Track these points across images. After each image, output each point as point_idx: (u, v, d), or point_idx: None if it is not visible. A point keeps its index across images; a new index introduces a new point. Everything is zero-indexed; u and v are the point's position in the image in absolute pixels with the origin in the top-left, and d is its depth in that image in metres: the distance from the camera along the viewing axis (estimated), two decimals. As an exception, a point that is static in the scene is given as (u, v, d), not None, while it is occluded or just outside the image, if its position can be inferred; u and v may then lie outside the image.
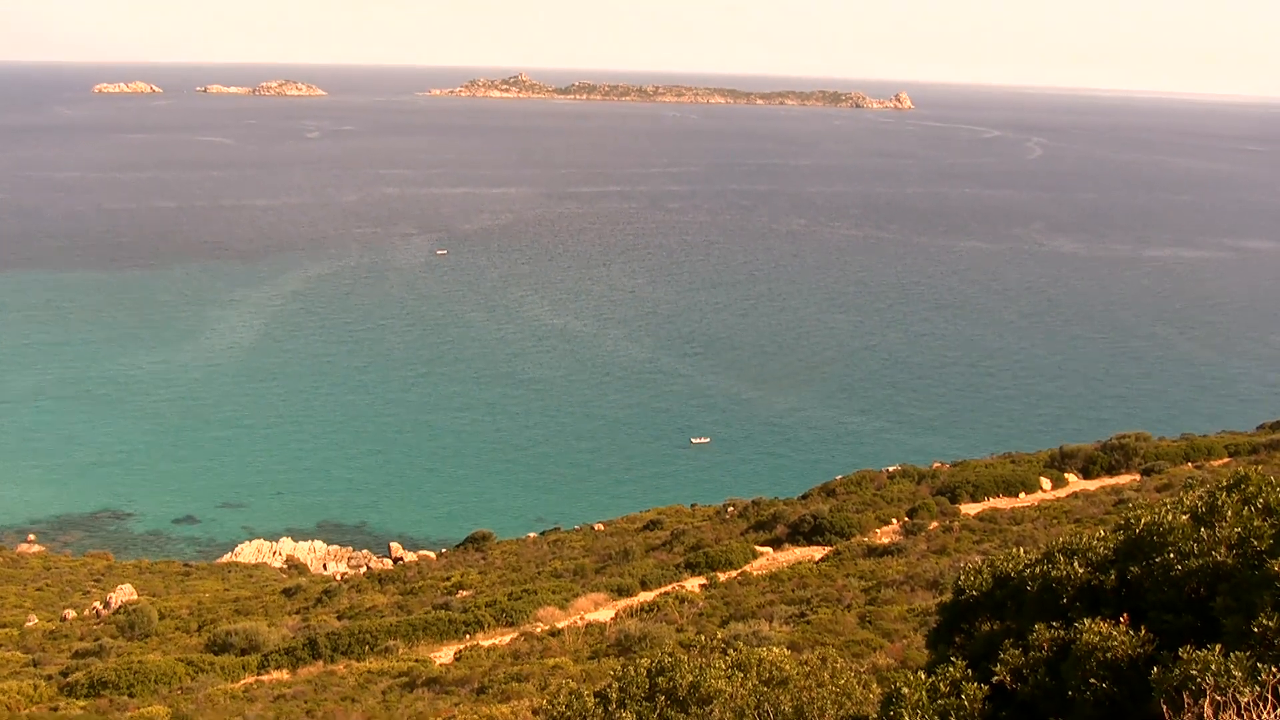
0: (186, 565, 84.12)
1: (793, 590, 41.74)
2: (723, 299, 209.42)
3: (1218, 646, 8.90)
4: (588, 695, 13.50)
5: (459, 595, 53.06)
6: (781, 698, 12.84)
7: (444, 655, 39.40)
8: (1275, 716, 8.35)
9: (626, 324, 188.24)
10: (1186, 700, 8.64)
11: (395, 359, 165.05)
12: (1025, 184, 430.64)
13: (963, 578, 12.13)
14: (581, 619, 41.66)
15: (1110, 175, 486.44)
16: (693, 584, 46.05)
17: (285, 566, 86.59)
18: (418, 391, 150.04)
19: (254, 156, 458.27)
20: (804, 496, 64.01)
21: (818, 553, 49.28)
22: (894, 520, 52.43)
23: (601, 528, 71.31)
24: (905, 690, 10.56)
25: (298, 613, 56.79)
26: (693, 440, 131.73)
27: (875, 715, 12.19)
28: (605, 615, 41.67)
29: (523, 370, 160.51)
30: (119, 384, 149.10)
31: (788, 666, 13.32)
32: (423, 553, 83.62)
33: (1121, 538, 11.11)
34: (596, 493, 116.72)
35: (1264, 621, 8.99)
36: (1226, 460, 55.21)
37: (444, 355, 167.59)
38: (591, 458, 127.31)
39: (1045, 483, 56.58)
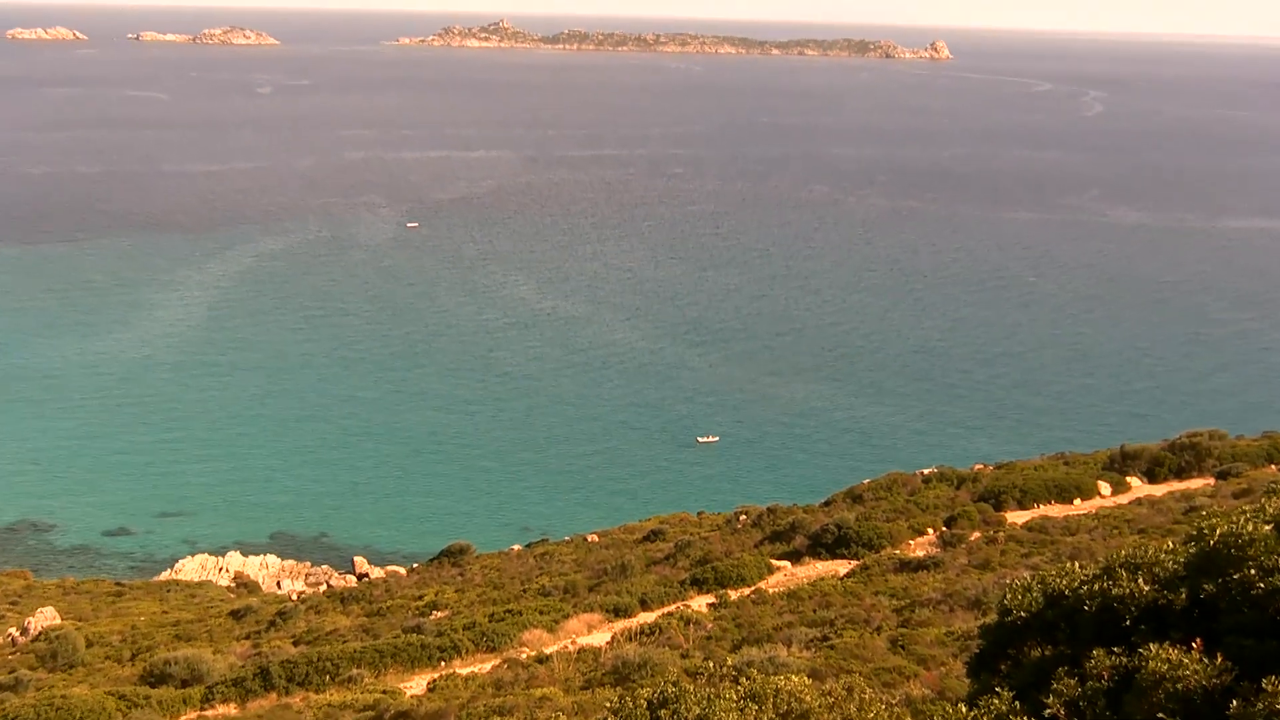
0: (119, 584, 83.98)
1: (814, 610, 41.32)
2: (733, 279, 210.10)
3: (1307, 676, 8.80)
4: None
5: (433, 616, 53.04)
6: (801, 734, 12.75)
7: (416, 685, 39.38)
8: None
9: (624, 308, 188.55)
10: (1270, 738, 8.53)
11: (360, 348, 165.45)
12: (1081, 145, 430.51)
13: (1009, 596, 12.17)
14: (573, 643, 41.68)
15: (1181, 134, 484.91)
16: (700, 603, 46.08)
17: (233, 585, 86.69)
18: (386, 385, 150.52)
19: (196, 115, 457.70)
20: (826, 503, 64.05)
21: (842, 567, 49.29)
22: (929, 530, 52.43)
23: (595, 539, 71.48)
24: (943, 725, 10.50)
25: (248, 637, 56.81)
26: (699, 439, 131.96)
27: (909, 754, 12.12)
28: (600, 639, 41.70)
29: (506, 361, 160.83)
30: (40, 377, 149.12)
31: (808, 698, 13.25)
32: (391, 568, 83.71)
33: (1193, 551, 11.09)
34: (590, 500, 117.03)
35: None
36: (1314, 462, 55.11)
37: (416, 344, 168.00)
38: (584, 460, 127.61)
39: (1104, 487, 56.55)
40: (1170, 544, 11.74)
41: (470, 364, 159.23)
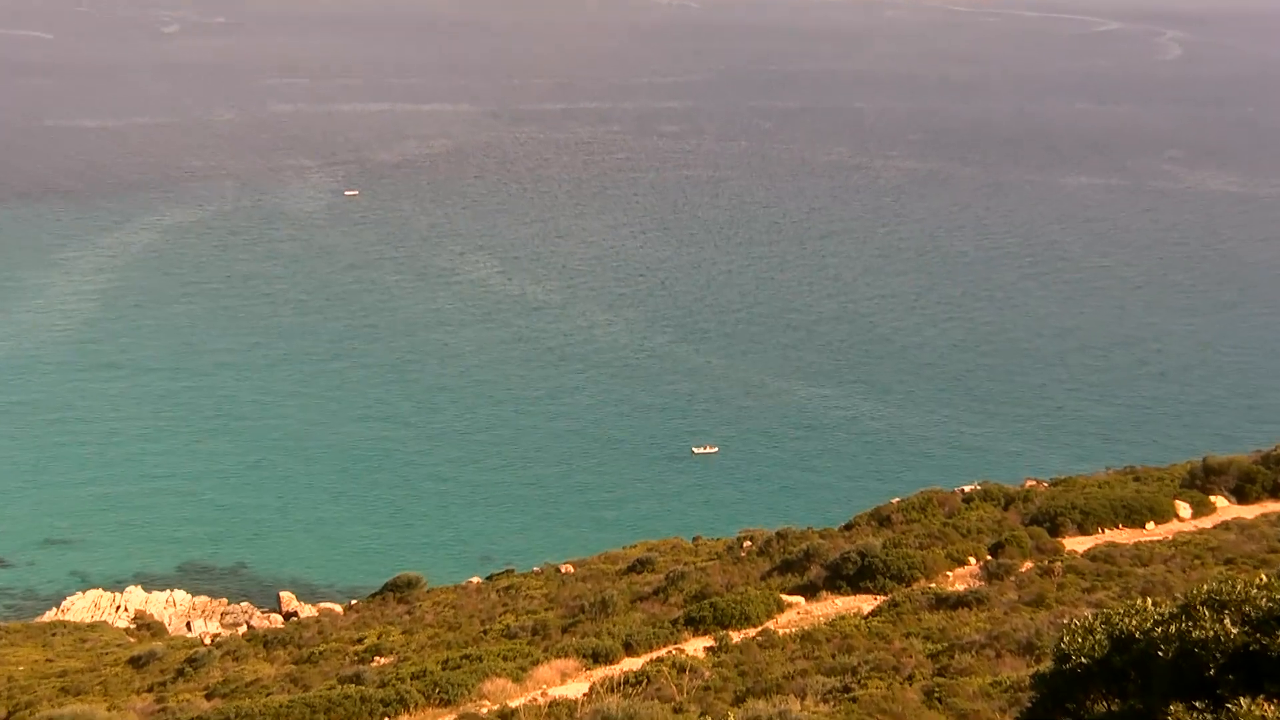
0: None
1: (833, 655, 41.03)
2: (736, 260, 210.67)
3: None
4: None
5: (375, 663, 52.80)
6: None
7: (353, 748, 39.29)
8: None
9: (605, 294, 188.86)
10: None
11: (287, 344, 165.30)
12: (1156, 96, 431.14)
13: (1068, 639, 12.23)
14: (543, 694, 41.63)
15: (1277, 83, 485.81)
16: (696, 646, 45.88)
17: (134, 626, 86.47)
18: (319, 388, 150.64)
19: (86, 59, 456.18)
20: (847, 527, 63.93)
21: (867, 603, 49.19)
22: (971, 559, 52.41)
23: (571, 570, 71.39)
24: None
25: (150, 690, 56.57)
26: (695, 450, 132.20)
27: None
28: (576, 690, 41.62)
29: (464, 359, 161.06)
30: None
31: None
32: (325, 605, 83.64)
33: (1292, 584, 11.17)
34: (564, 523, 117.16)
35: None
36: None
37: (355, 339, 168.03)
38: (557, 476, 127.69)
39: (1183, 508, 56.50)
40: (1264, 577, 11.69)
41: (421, 363, 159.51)
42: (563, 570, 71.76)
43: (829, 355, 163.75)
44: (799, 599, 50.13)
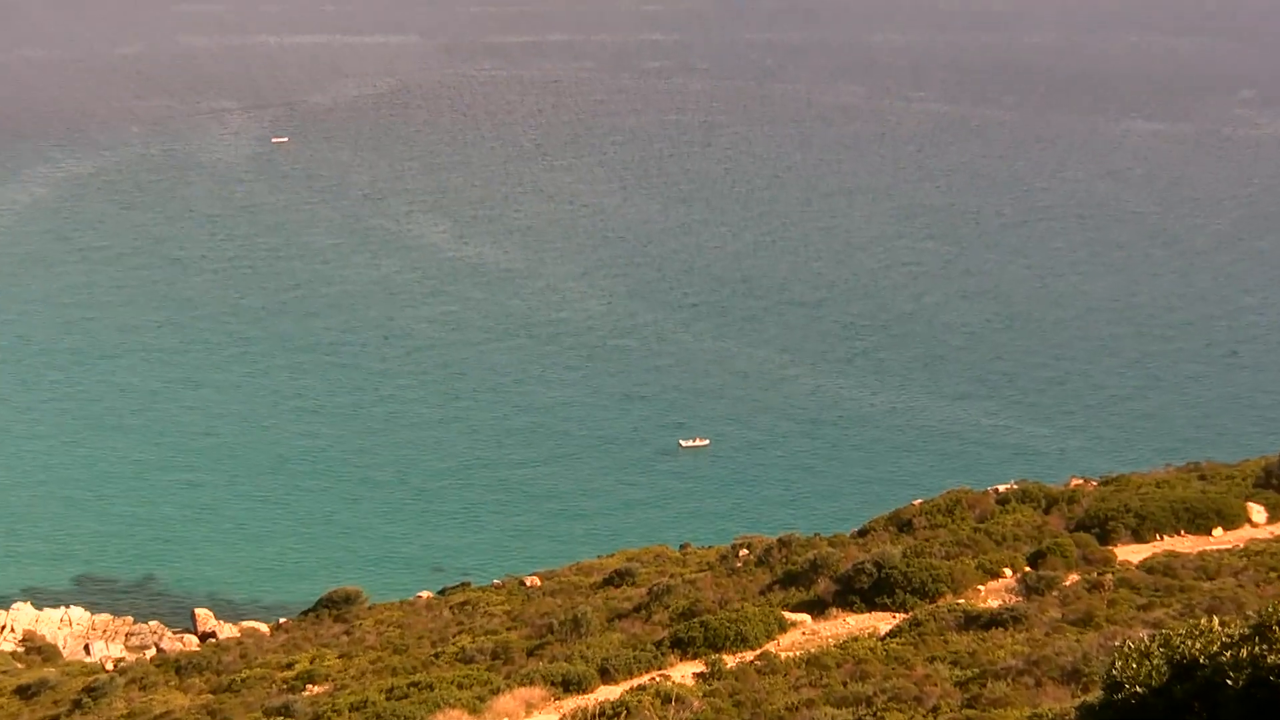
0: None
1: (844, 683, 40.75)
2: (731, 220, 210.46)
3: None
4: None
5: (308, 692, 52.67)
6: None
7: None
8: None
9: (580, 260, 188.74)
10: None
11: (203, 317, 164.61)
12: (1227, 27, 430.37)
13: (1121, 664, 12.25)
14: (504, 732, 41.57)
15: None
16: (683, 672, 45.57)
17: (22, 650, 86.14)
18: (240, 371, 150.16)
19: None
20: (861, 533, 63.79)
21: (884, 622, 49.09)
22: (1007, 571, 52.28)
23: (538, 583, 71.41)
24: None
25: (42, 726, 56.35)
26: (683, 444, 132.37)
27: None
28: (543, 726, 41.53)
29: (412, 337, 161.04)
30: None
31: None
32: (249, 624, 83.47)
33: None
34: (530, 529, 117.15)
35: None
36: None
37: (284, 311, 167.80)
38: (522, 474, 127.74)
39: (1256, 512, 56.43)
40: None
41: (361, 343, 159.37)
42: (528, 584, 71.87)
43: (839, 334, 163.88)
44: (804, 617, 50.18)
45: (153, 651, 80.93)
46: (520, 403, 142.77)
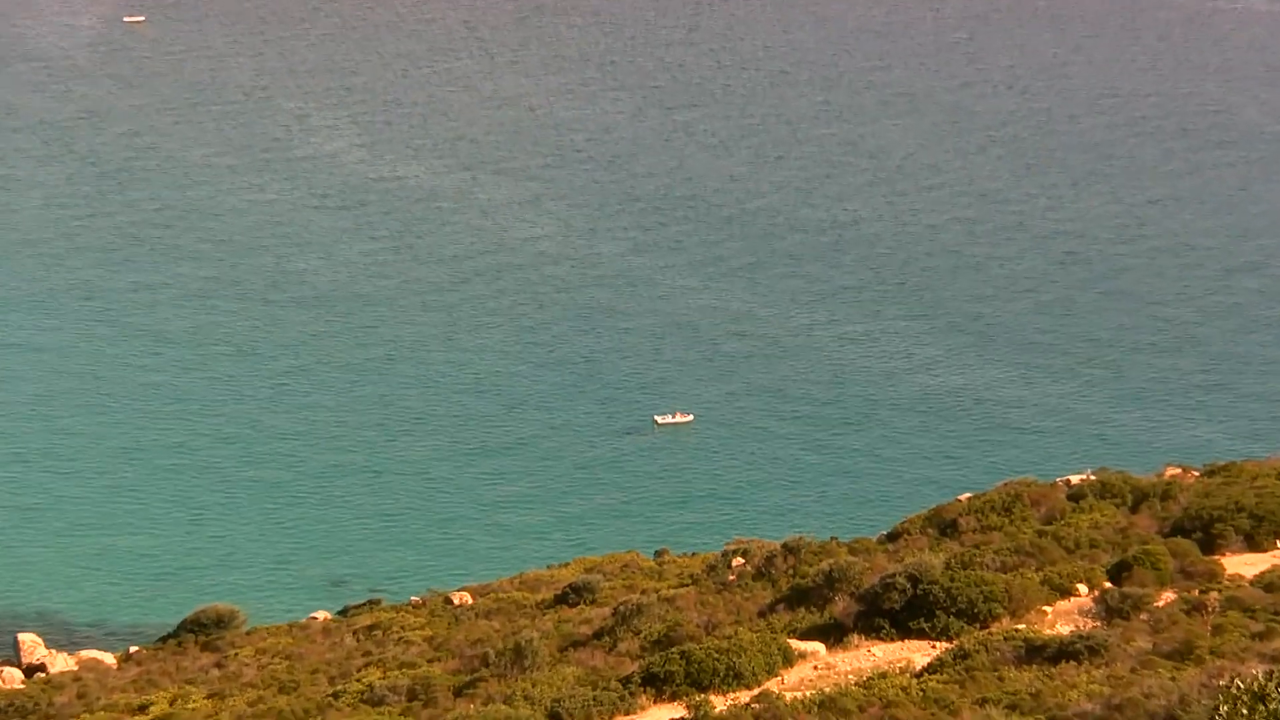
0: None
1: (869, 734, 40.96)
2: (723, 129, 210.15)
3: None
4: None
5: (163, 745, 52.34)
6: None
7: None
8: None
9: (527, 179, 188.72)
10: None
11: (33, 257, 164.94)
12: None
13: (1227, 709, 12.35)
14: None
15: None
16: (659, 718, 45.71)
17: None
18: (75, 332, 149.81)
19: None
20: (891, 537, 63.45)
21: (920, 654, 48.62)
22: (1081, 587, 51.85)
23: (469, 600, 71.23)
24: None
25: None
26: (659, 420, 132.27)
27: None
28: (473, 788, 41.29)
29: (306, 280, 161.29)
30: None
31: None
32: (89, 654, 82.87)
33: None
34: (459, 531, 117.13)
35: None
36: None
37: (138, 248, 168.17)
38: (449, 460, 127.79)
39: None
40: None
41: (238, 288, 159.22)
42: (456, 601, 71.58)
43: (863, 282, 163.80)
44: (816, 646, 49.95)
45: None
46: (448, 369, 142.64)
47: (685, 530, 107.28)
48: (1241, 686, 12.48)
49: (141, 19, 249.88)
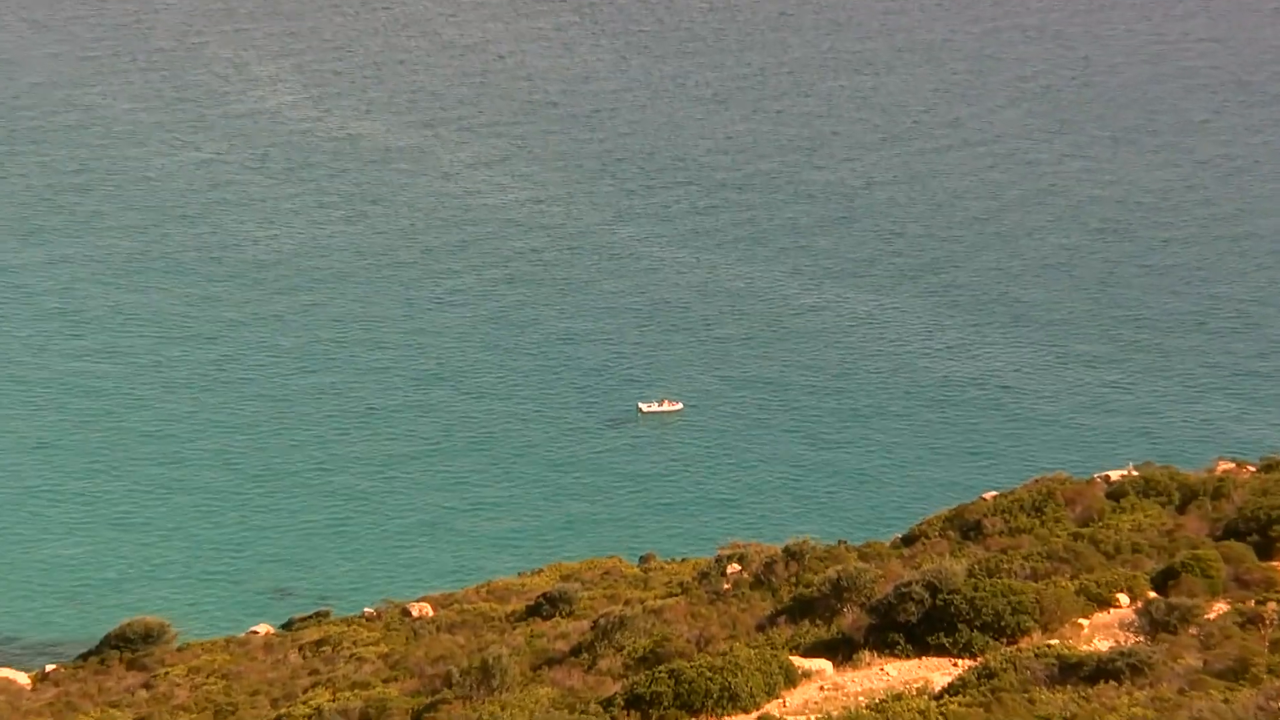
0: None
1: (883, 764, 40.96)
2: (717, 79, 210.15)
3: None
4: None
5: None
6: None
7: None
8: None
9: (495, 137, 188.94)
10: None
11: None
12: None
13: None
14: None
15: None
16: (645, 748, 45.49)
17: None
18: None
19: None
20: (907, 540, 63.52)
21: (940, 673, 48.57)
22: (1122, 597, 51.69)
23: (429, 612, 71.62)
24: None
25: None
26: (644, 408, 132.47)
27: None
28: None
29: (244, 250, 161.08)
30: None
31: None
32: (1, 673, 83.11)
33: None
34: (419, 534, 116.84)
35: None
36: None
37: (53, 214, 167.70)
38: (408, 455, 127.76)
39: None
40: None
41: (168, 261, 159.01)
42: (416, 613, 71.64)
43: (874, 251, 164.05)
44: (823, 664, 49.98)
45: None
46: (406, 353, 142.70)
47: (674, 533, 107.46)
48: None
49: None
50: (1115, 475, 66.36)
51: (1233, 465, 69.03)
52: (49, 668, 79.98)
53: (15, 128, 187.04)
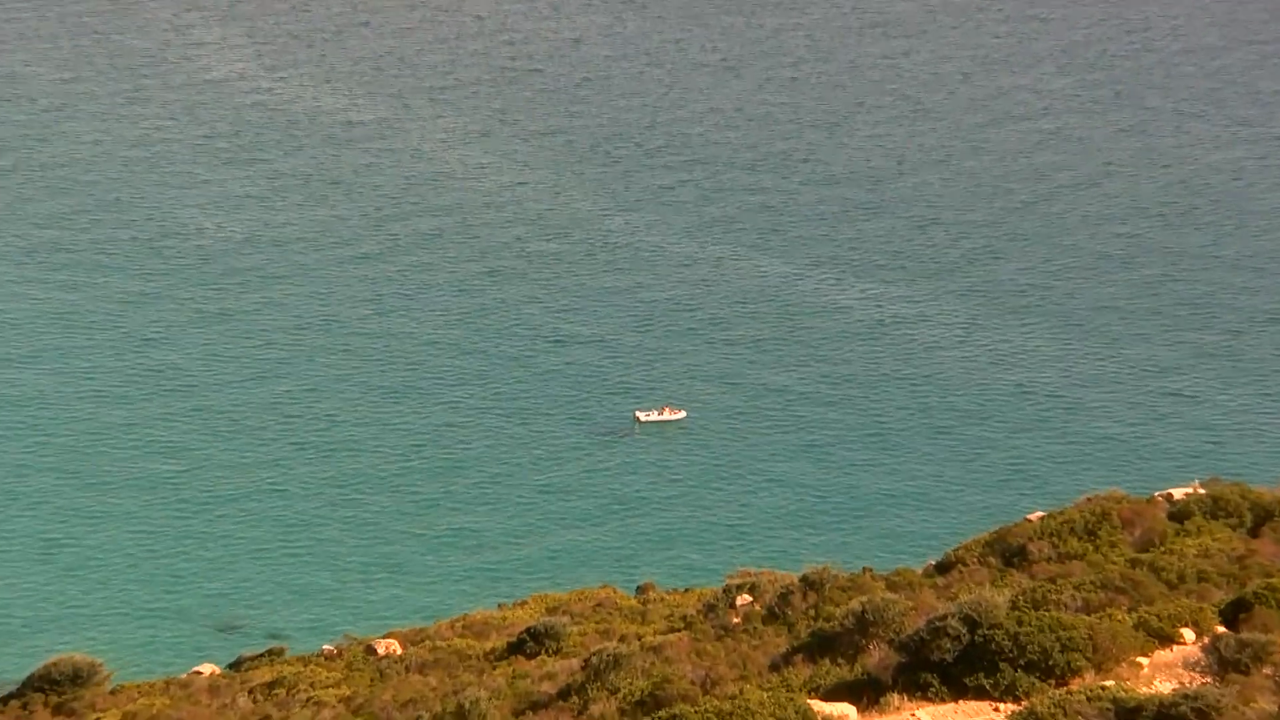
0: None
1: (914, 824, 40.65)
2: (722, 37, 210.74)
3: None
4: None
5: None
6: None
7: None
8: None
9: (472, 106, 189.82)
10: None
11: None
12: None
13: None
14: None
15: None
16: (643, 806, 45.33)
17: None
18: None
19: None
20: (942, 567, 63.25)
21: (978, 717, 48.46)
22: (1185, 632, 51.62)
23: (396, 650, 71.15)
24: None
25: None
26: (642, 417, 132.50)
27: None
28: None
29: (186, 235, 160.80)
30: None
31: None
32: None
33: None
34: (382, 561, 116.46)
35: None
36: None
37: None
38: (370, 472, 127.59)
39: None
40: None
41: (101, 246, 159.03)
42: (382, 651, 71.43)
43: (904, 241, 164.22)
44: (846, 709, 49.80)
45: None
46: (373, 350, 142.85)
47: (675, 559, 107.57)
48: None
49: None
50: (1179, 494, 66.18)
51: (1316, 480, 68.99)
52: (-41, 716, 79.92)
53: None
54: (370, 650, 73.56)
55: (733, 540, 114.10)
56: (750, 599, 65.31)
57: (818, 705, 50.80)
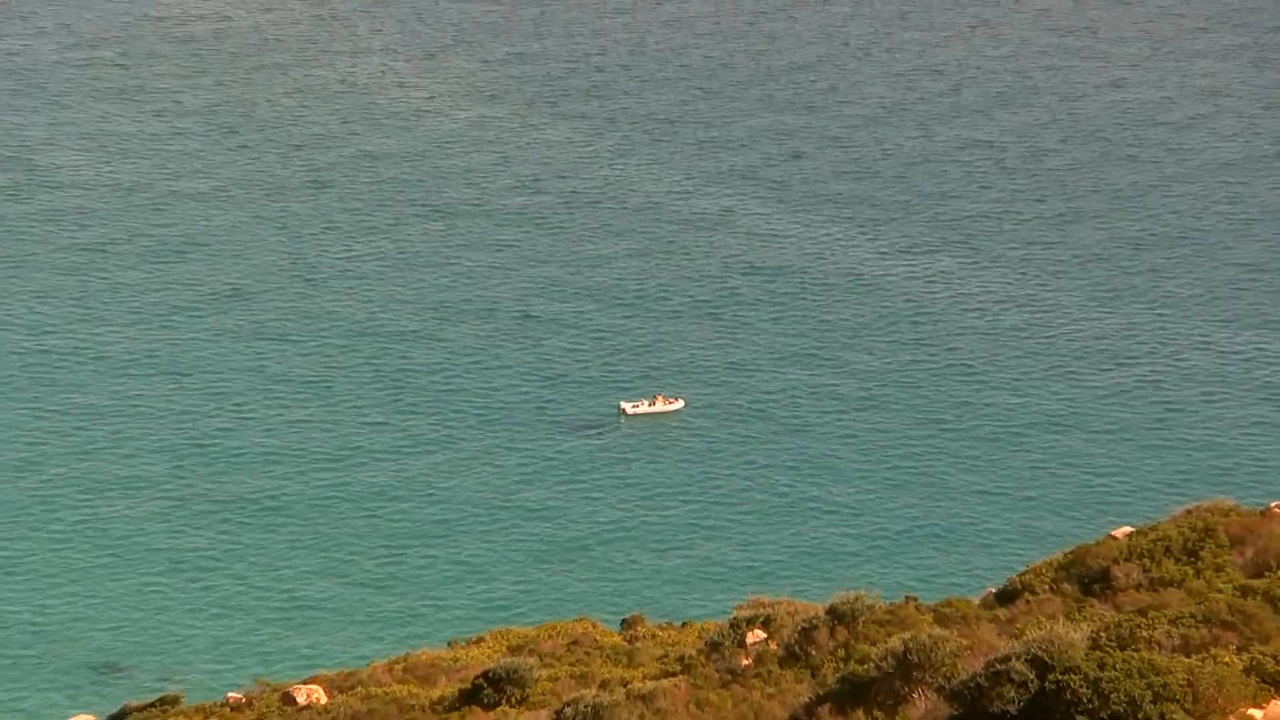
0: None
1: None
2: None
3: None
4: None
5: None
6: None
7: None
8: None
9: (421, 18, 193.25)
10: None
11: None
12: None
13: None
14: None
15: None
16: None
17: None
18: None
19: None
20: (1003, 596, 63.14)
21: (1051, 785, 48.48)
22: (1311, 677, 51.57)
23: (320, 698, 71.93)
24: None
25: None
26: (628, 409, 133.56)
27: None
28: None
29: (40, 191, 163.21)
30: None
31: None
32: None
33: None
34: (306, 587, 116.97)
35: None
36: None
37: None
38: (294, 478, 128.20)
39: None
40: None
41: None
42: (302, 699, 71.63)
43: (950, 203, 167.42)
44: (885, 771, 49.59)
45: None
46: (297, 337, 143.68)
47: (669, 584, 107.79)
48: None
49: None
50: (1295, 508, 65.83)
51: None
52: None
53: None
54: (288, 699, 73.53)
55: (740, 558, 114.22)
56: (764, 635, 64.70)
57: (850, 765, 50.50)
